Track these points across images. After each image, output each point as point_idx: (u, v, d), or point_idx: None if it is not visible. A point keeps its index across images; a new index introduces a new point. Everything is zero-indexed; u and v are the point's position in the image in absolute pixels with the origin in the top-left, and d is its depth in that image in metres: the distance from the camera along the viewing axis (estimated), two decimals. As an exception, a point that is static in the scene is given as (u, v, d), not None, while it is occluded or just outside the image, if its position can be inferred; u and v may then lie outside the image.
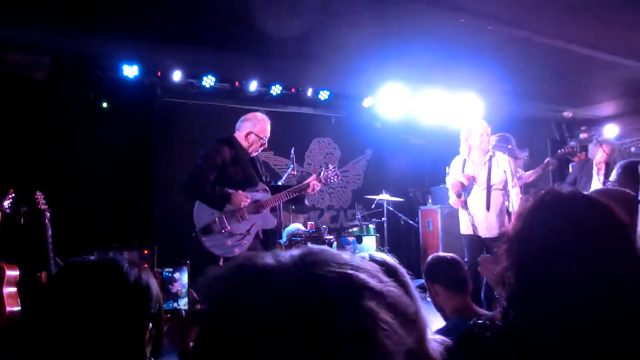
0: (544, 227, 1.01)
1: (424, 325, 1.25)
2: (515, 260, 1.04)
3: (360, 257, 1.34)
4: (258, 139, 3.25)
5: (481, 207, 3.84)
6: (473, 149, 3.93)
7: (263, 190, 3.26)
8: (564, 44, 4.02)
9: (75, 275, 0.98)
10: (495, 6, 3.31)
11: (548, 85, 5.37)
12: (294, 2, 3.26)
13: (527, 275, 1.01)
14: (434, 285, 2.04)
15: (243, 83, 5.31)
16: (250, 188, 3.21)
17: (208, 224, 3.10)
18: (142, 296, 1.00)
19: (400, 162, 6.95)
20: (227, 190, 3.10)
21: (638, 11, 3.41)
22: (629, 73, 4.81)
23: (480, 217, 3.84)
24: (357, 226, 5.46)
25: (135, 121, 5.10)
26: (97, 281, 0.96)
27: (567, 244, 0.97)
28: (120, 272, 0.98)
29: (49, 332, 0.92)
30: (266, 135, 3.29)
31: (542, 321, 0.95)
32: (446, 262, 2.09)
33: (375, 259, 1.33)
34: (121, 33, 3.81)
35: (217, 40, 4.09)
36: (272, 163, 6.38)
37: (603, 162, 5.17)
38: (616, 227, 0.99)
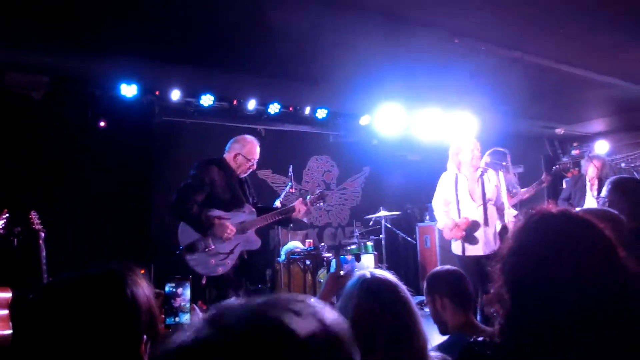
0: (534, 247, 1.05)
1: (425, 341, 1.29)
2: (509, 278, 1.07)
3: (361, 273, 1.37)
4: (246, 161, 3.32)
5: (480, 224, 3.77)
6: (463, 164, 3.89)
7: (249, 212, 3.30)
8: (555, 63, 4.12)
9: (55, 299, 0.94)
10: (488, 28, 3.40)
11: (540, 103, 5.48)
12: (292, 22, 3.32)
13: (521, 293, 1.04)
14: (442, 298, 2.00)
15: (241, 102, 5.36)
16: (237, 209, 3.26)
17: (192, 242, 3.14)
18: (128, 315, 0.95)
19: (397, 179, 7.00)
20: (213, 217, 3.14)
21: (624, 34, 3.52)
22: (617, 92, 4.94)
23: (479, 234, 3.77)
24: (356, 244, 5.46)
25: (133, 140, 5.12)
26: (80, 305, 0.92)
27: (558, 262, 1.00)
28: (104, 294, 0.95)
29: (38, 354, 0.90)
30: (254, 157, 3.35)
31: (537, 339, 0.98)
32: (453, 275, 2.07)
33: (376, 276, 1.36)
34: (119, 52, 3.85)
35: (215, 59, 4.15)
36: (270, 181, 6.41)
37: (595, 177, 5.26)
38: (605, 245, 1.02)
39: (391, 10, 3.13)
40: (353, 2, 3.00)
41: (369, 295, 1.30)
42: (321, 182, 6.93)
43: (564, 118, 6.54)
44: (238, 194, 3.30)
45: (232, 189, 3.28)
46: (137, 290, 0.99)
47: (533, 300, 1.01)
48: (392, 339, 1.24)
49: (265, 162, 6.31)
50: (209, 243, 3.14)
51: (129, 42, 3.62)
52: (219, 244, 3.16)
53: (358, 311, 1.28)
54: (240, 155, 3.32)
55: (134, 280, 1.00)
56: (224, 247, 3.17)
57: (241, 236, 3.23)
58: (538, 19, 3.28)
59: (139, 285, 1.00)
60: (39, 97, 4.44)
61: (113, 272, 1.00)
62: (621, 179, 2.41)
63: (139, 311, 0.97)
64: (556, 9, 3.12)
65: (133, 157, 5.09)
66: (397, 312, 1.27)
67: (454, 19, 3.25)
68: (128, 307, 0.95)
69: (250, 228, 3.27)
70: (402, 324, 1.26)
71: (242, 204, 3.29)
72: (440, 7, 3.07)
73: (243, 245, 3.24)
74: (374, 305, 1.28)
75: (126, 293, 0.96)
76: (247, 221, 3.26)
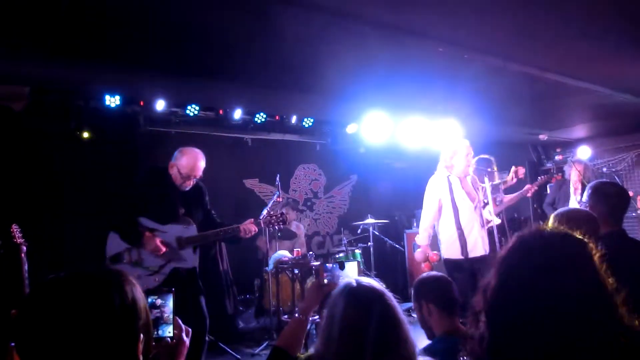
0: (517, 272, 1.06)
1: (413, 348, 1.29)
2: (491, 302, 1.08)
3: (347, 281, 1.36)
4: (179, 174, 3.09)
5: (477, 225, 3.78)
6: (456, 168, 3.88)
7: (187, 227, 3.10)
8: (538, 71, 4.19)
9: (53, 300, 0.92)
10: (472, 36, 3.44)
11: (524, 109, 5.56)
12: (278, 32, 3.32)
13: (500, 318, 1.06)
14: (428, 304, 2.04)
15: (227, 111, 5.34)
16: (174, 222, 3.08)
17: (119, 253, 3.00)
18: (129, 314, 0.96)
19: (384, 186, 7.03)
20: (144, 230, 2.99)
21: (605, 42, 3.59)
22: (598, 98, 5.04)
23: (477, 235, 3.74)
24: (344, 251, 5.45)
25: (117, 151, 5.04)
26: (78, 307, 0.91)
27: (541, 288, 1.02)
28: (104, 295, 0.94)
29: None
30: (188, 173, 3.09)
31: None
32: (438, 281, 2.12)
33: (362, 284, 1.37)
34: (103, 62, 3.79)
35: (200, 68, 4.12)
36: (257, 190, 6.38)
37: (578, 182, 5.37)
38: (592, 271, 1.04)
39: (377, 20, 3.15)
40: (339, 10, 3.01)
41: (355, 303, 1.30)
42: (308, 191, 6.92)
43: (547, 124, 6.66)
44: (176, 207, 3.11)
45: (170, 201, 3.11)
46: (136, 289, 1.01)
47: (512, 325, 1.02)
48: (379, 347, 1.24)
49: (252, 172, 6.30)
50: (135, 255, 2.99)
51: (112, 51, 3.58)
52: (149, 257, 3.00)
53: (345, 320, 1.28)
54: (175, 167, 3.12)
55: (132, 280, 1.02)
56: (154, 262, 3.00)
57: (175, 252, 3.04)
58: (522, 28, 3.33)
59: (134, 284, 1.02)
60: (19, 109, 4.36)
61: (113, 270, 1.02)
62: (601, 183, 2.43)
63: (139, 309, 0.98)
64: (539, 18, 3.17)
65: (118, 168, 5.02)
66: (383, 320, 1.27)
67: (439, 27, 3.29)
68: (129, 304, 0.96)
69: (188, 244, 3.08)
70: (389, 332, 1.26)
71: (178, 218, 3.10)
72: (425, 16, 3.10)
73: (176, 262, 3.05)
74: (360, 314, 1.28)
75: (126, 290, 0.97)
76: (184, 237, 3.07)
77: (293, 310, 4.75)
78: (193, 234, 3.10)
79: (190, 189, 3.20)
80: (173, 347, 1.31)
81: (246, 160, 6.18)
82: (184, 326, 1.35)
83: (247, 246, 5.91)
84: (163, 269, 3.04)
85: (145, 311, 1.01)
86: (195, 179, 3.16)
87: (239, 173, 6.22)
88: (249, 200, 6.11)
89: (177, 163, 3.12)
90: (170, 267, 3.05)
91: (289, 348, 1.64)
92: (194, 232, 3.11)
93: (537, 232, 1.12)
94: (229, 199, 5.56)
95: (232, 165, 6.03)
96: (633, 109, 5.48)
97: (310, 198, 6.92)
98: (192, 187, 3.21)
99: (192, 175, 3.12)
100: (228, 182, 5.94)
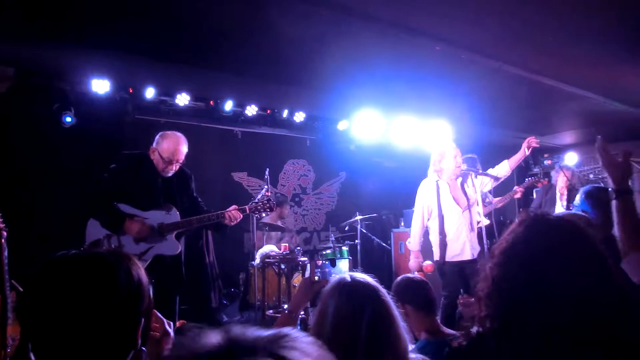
0: (531, 247, 1.07)
1: (406, 345, 1.29)
2: (499, 277, 1.08)
3: (341, 276, 1.34)
4: (160, 159, 3.01)
5: (465, 229, 3.78)
6: (445, 171, 3.88)
7: (169, 213, 3.01)
8: (531, 74, 4.21)
9: (62, 279, 0.90)
10: (469, 36, 3.44)
11: (515, 113, 5.60)
12: (273, 24, 3.28)
13: (510, 292, 1.05)
14: (404, 306, 2.04)
15: (218, 102, 5.27)
16: (156, 209, 3.01)
17: (97, 239, 2.93)
18: (134, 295, 0.94)
19: (373, 184, 7.02)
20: (125, 214, 2.92)
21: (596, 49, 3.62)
22: (589, 105, 5.09)
23: (464, 239, 3.76)
24: (331, 248, 5.43)
25: (103, 138, 4.91)
26: (87, 286, 0.90)
27: (548, 266, 1.02)
28: (111, 275, 0.92)
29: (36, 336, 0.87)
30: (170, 157, 3.01)
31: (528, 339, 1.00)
32: (416, 283, 2.13)
33: (356, 279, 1.35)
34: (91, 46, 3.68)
35: (192, 57, 4.04)
36: (245, 184, 6.32)
37: (565, 187, 5.42)
38: (595, 253, 1.05)
39: (374, 16, 3.12)
40: (335, 6, 2.98)
41: (349, 298, 1.28)
42: (297, 186, 6.88)
43: (537, 129, 6.71)
44: (157, 193, 3.04)
45: (151, 186, 3.03)
46: (142, 272, 0.98)
47: (522, 301, 1.02)
48: (372, 343, 1.22)
49: (241, 165, 6.24)
50: (115, 241, 2.92)
51: (101, 35, 3.47)
52: (129, 244, 2.93)
53: (338, 314, 1.26)
54: (156, 152, 3.02)
55: (136, 262, 1.00)
56: (135, 249, 2.92)
57: (158, 239, 2.97)
58: (518, 31, 3.34)
59: (140, 267, 0.99)
60: (3, 90, 4.24)
61: (121, 252, 1.00)
62: (594, 188, 2.45)
63: (144, 292, 0.96)
64: (536, 22, 3.18)
65: (103, 156, 4.89)
66: (377, 316, 1.26)
67: (437, 26, 3.27)
68: (135, 285, 0.94)
69: (170, 231, 3.00)
70: (382, 328, 1.25)
71: (159, 204, 3.03)
72: (423, 14, 3.08)
73: (158, 249, 2.98)
74: (354, 309, 1.26)
75: (133, 272, 0.95)
76: (166, 223, 3.00)
77: (279, 305, 4.71)
78: (175, 219, 3.03)
79: (174, 174, 3.12)
80: (158, 340, 1.27)
81: (235, 153, 6.11)
82: (164, 319, 1.31)
83: (234, 240, 5.86)
84: (145, 255, 2.96)
85: (149, 296, 0.99)
86: (178, 164, 3.08)
87: (227, 165, 6.15)
88: (236, 194, 6.04)
89: (159, 147, 3.04)
90: (152, 254, 2.98)
91: None
92: (176, 218, 3.03)
93: (542, 217, 1.12)
94: (216, 192, 5.50)
95: (221, 158, 5.96)
96: (621, 117, 5.57)
97: (299, 194, 6.88)
98: (177, 173, 3.13)
99: (174, 159, 3.04)
100: (216, 175, 5.87)
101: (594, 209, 2.27)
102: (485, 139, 6.69)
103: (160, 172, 3.06)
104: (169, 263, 3.05)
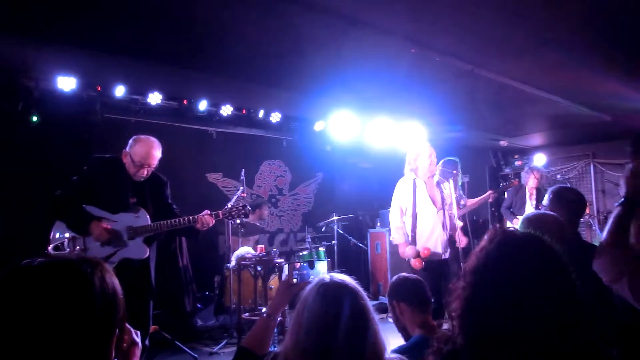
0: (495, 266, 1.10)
1: (382, 347, 1.29)
2: (468, 294, 1.11)
3: (321, 277, 1.33)
4: (132, 162, 2.98)
5: (439, 228, 3.82)
6: (421, 170, 3.93)
7: (138, 216, 2.99)
8: (502, 78, 4.30)
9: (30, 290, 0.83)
10: (444, 39, 3.47)
11: (487, 115, 5.71)
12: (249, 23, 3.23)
13: (477, 309, 1.08)
14: (399, 303, 2.11)
15: (192, 102, 5.17)
16: (124, 212, 2.98)
17: (62, 241, 2.89)
18: (110, 305, 0.89)
19: (349, 185, 7.05)
20: (92, 216, 2.88)
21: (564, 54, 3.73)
22: (555, 108, 5.25)
23: (438, 238, 3.80)
24: (308, 249, 5.41)
25: (71, 138, 4.75)
26: (60, 298, 0.83)
27: (516, 284, 1.05)
28: (84, 284, 0.86)
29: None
30: (141, 162, 2.98)
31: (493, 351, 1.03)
32: (412, 282, 2.19)
33: (335, 280, 1.35)
34: (58, 41, 3.53)
35: (165, 54, 3.93)
36: (220, 185, 6.23)
37: (534, 188, 5.60)
38: (562, 272, 1.08)
39: (350, 17, 3.11)
40: (312, 6, 2.96)
41: (327, 298, 1.28)
42: (273, 187, 6.84)
43: (508, 131, 6.87)
44: (126, 196, 3.01)
45: (121, 190, 3.00)
46: (115, 280, 0.93)
47: (495, 320, 1.04)
48: (347, 344, 1.22)
49: (216, 166, 6.15)
50: (80, 244, 2.87)
51: (68, 29, 3.33)
52: (95, 247, 2.89)
53: (316, 315, 1.26)
54: (128, 156, 3.00)
55: (109, 270, 0.94)
56: (101, 252, 2.88)
57: (124, 242, 2.94)
58: (490, 36, 3.40)
59: (114, 275, 0.94)
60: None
61: (93, 259, 0.93)
62: (562, 188, 2.53)
63: (119, 301, 0.92)
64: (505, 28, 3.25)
65: (71, 156, 4.73)
66: (354, 317, 1.26)
67: (412, 29, 3.29)
68: (110, 294, 0.89)
69: (139, 234, 2.98)
70: (358, 330, 1.25)
71: (129, 207, 3.00)
72: (400, 16, 3.09)
73: (125, 253, 2.94)
74: (331, 310, 1.26)
75: (107, 281, 0.90)
76: (135, 226, 2.97)
77: (255, 307, 4.66)
78: (145, 223, 2.99)
79: (148, 180, 3.09)
80: (125, 350, 1.23)
81: (210, 153, 6.02)
82: (132, 328, 1.28)
83: (208, 242, 5.76)
84: (111, 258, 2.91)
85: (123, 304, 0.94)
86: (149, 168, 3.04)
87: (202, 166, 6.05)
88: (211, 195, 5.96)
89: (131, 151, 3.01)
90: (119, 257, 2.92)
91: (255, 348, 1.60)
92: (146, 221, 3.00)
93: (511, 234, 1.15)
94: (191, 193, 5.39)
95: (195, 159, 5.86)
96: (586, 120, 5.77)
97: (275, 195, 6.84)
98: (151, 179, 3.10)
99: (146, 164, 3.00)
100: (190, 176, 5.77)
101: (560, 208, 2.34)
102: (458, 140, 6.81)
103: (132, 176, 3.02)
104: (137, 267, 3.00)
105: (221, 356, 4.34)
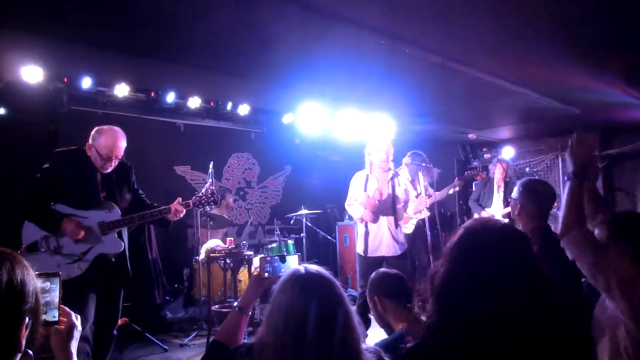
0: (463, 261, 1.17)
1: (358, 337, 1.28)
2: (438, 290, 1.17)
3: (296, 268, 1.35)
4: (98, 155, 2.90)
5: (386, 225, 3.89)
6: (374, 165, 4.00)
7: (110, 211, 2.94)
8: (471, 71, 4.36)
9: None
10: (413, 32, 3.51)
11: (456, 108, 5.80)
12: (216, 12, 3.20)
13: (448, 304, 1.14)
14: (381, 299, 2.07)
15: (159, 93, 5.08)
16: (96, 208, 2.92)
17: (35, 242, 2.82)
18: (16, 295, 0.94)
19: (318, 178, 7.08)
20: (62, 214, 2.82)
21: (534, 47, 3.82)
22: (524, 101, 5.34)
23: (387, 235, 3.86)
24: (276, 242, 5.43)
25: (36, 131, 4.60)
26: None
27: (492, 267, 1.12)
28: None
29: None
30: (108, 154, 2.90)
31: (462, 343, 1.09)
32: (393, 277, 2.16)
33: (310, 271, 1.34)
34: (22, 30, 3.41)
35: (132, 45, 3.84)
36: (189, 178, 6.17)
37: (502, 180, 5.74)
38: (527, 259, 1.16)
39: (319, 7, 3.12)
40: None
41: (301, 290, 1.27)
42: (242, 180, 6.81)
43: (477, 124, 6.98)
44: (96, 191, 2.94)
45: (90, 184, 2.93)
46: (27, 272, 0.99)
47: (466, 303, 1.10)
48: (323, 335, 1.22)
49: (184, 158, 6.07)
50: (53, 242, 2.82)
51: (33, 18, 3.22)
52: (69, 244, 2.84)
53: (290, 306, 1.26)
54: (93, 148, 2.91)
55: (22, 261, 1.01)
56: (75, 249, 2.84)
57: (99, 237, 2.89)
58: (459, 29, 3.45)
59: (26, 267, 1.01)
60: None
61: (5, 250, 0.99)
62: (531, 180, 2.54)
63: (26, 292, 0.97)
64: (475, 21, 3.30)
65: (36, 149, 4.57)
66: (329, 308, 1.26)
67: (382, 20, 3.31)
68: (17, 285, 0.95)
69: (112, 229, 2.93)
70: (334, 321, 1.25)
71: (99, 202, 2.94)
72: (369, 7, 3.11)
73: (100, 248, 2.90)
74: (306, 301, 1.25)
75: (16, 271, 0.96)
76: (107, 222, 2.91)
77: (225, 300, 4.66)
78: (116, 218, 2.95)
79: (114, 170, 3.02)
80: (64, 332, 1.27)
81: (178, 146, 5.94)
82: (71, 311, 1.32)
83: (177, 235, 5.70)
84: (86, 255, 2.86)
85: (35, 296, 1.00)
86: (116, 160, 2.98)
87: (169, 159, 5.97)
88: (180, 188, 5.88)
89: (95, 143, 2.92)
90: (94, 254, 2.88)
91: (227, 342, 1.60)
92: (117, 216, 2.95)
93: (482, 223, 1.22)
94: (158, 186, 5.31)
95: (163, 151, 5.77)
96: (554, 114, 5.86)
97: (244, 187, 6.82)
98: (116, 168, 3.04)
99: (113, 155, 2.93)
100: (158, 169, 5.69)
101: (530, 200, 2.37)
102: (427, 133, 6.92)
103: (99, 168, 2.95)
104: (114, 261, 2.97)
105: (192, 348, 4.34)
